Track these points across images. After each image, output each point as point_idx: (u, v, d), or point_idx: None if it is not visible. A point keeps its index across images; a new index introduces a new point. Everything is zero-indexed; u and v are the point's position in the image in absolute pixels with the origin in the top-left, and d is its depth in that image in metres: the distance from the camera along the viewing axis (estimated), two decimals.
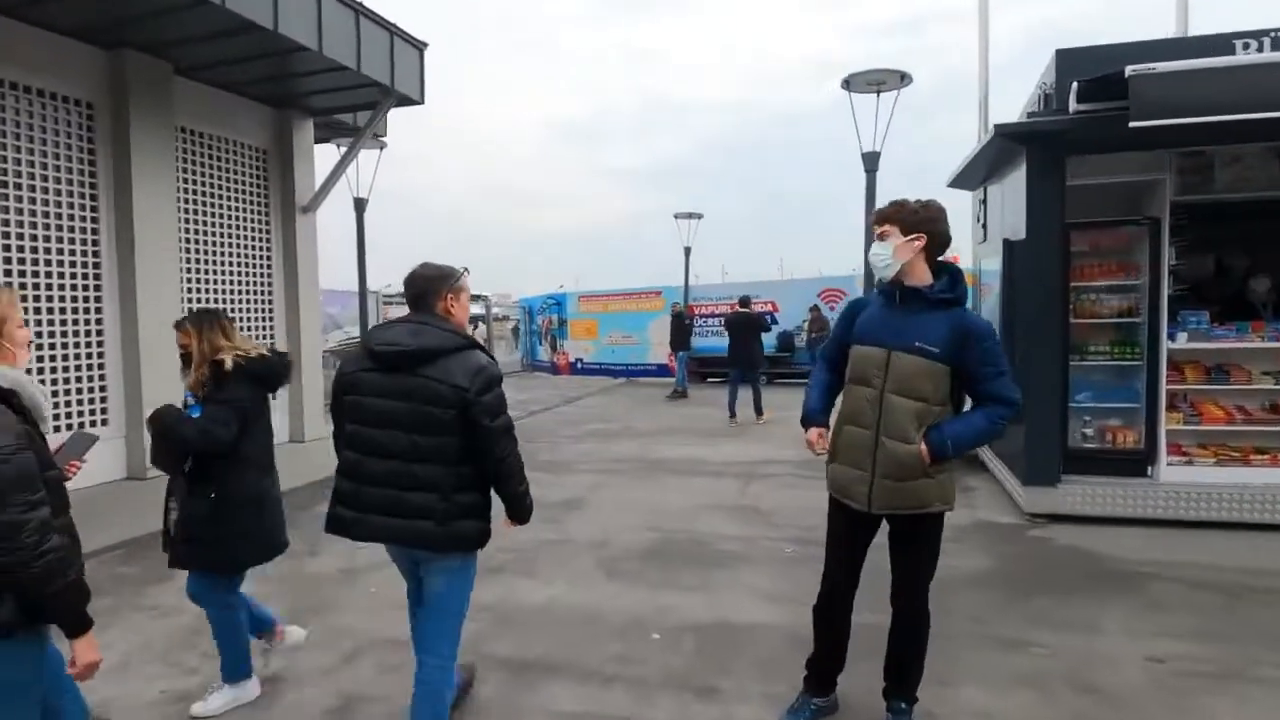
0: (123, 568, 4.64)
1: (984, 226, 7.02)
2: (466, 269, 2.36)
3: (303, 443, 8.82)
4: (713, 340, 15.80)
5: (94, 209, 6.70)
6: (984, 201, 7.00)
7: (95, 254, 6.70)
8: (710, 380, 15.66)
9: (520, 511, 2.41)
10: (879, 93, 7.81)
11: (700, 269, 33.33)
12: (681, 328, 13.66)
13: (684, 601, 3.84)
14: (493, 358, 2.32)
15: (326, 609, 3.92)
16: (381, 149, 10.03)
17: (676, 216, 15.55)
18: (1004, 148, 5.36)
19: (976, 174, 6.79)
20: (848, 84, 7.67)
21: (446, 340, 2.17)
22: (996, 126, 4.99)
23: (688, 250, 15.66)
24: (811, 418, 2.63)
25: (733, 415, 9.85)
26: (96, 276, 6.71)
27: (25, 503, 1.54)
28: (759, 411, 9.86)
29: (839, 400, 2.63)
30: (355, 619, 3.79)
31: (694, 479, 6.59)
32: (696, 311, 15.95)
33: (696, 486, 6.32)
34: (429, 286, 2.28)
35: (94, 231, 6.70)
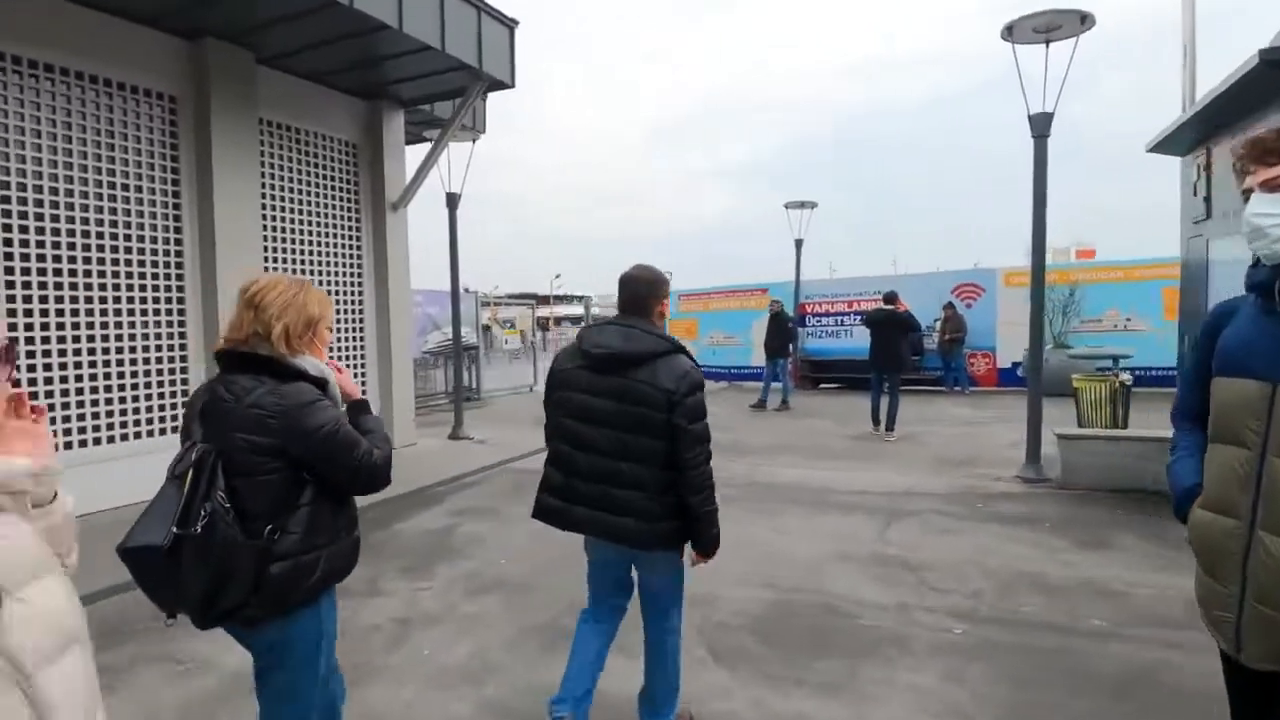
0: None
1: (1207, 200, 5.43)
2: (670, 274, 2.19)
3: (392, 448, 8.39)
4: (827, 342, 14.45)
5: (177, 207, 6.43)
6: (1207, 167, 5.42)
7: (178, 254, 6.44)
8: (824, 386, 14.30)
9: (705, 536, 2.31)
10: (1049, 42, 6.37)
11: (803, 267, 31.50)
12: (782, 329, 12.37)
13: (822, 714, 2.81)
14: (697, 363, 2.34)
15: (364, 677, 3.17)
16: (475, 139, 9.49)
17: (787, 206, 14.25)
18: (1252, 88, 3.93)
19: (1191, 132, 5.27)
20: (1010, 31, 6.28)
21: (657, 345, 2.23)
22: (1262, 52, 3.60)
23: (799, 242, 14.32)
24: (1192, 496, 1.55)
25: (876, 423, 8.86)
26: (179, 278, 6.44)
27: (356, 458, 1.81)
28: (891, 426, 8.61)
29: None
30: (398, 694, 3.02)
31: (818, 514, 5.48)
32: (809, 310, 14.65)
33: (822, 525, 5.21)
34: (649, 292, 2.33)
35: (177, 230, 6.43)
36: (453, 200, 8.97)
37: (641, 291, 2.32)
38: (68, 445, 5.65)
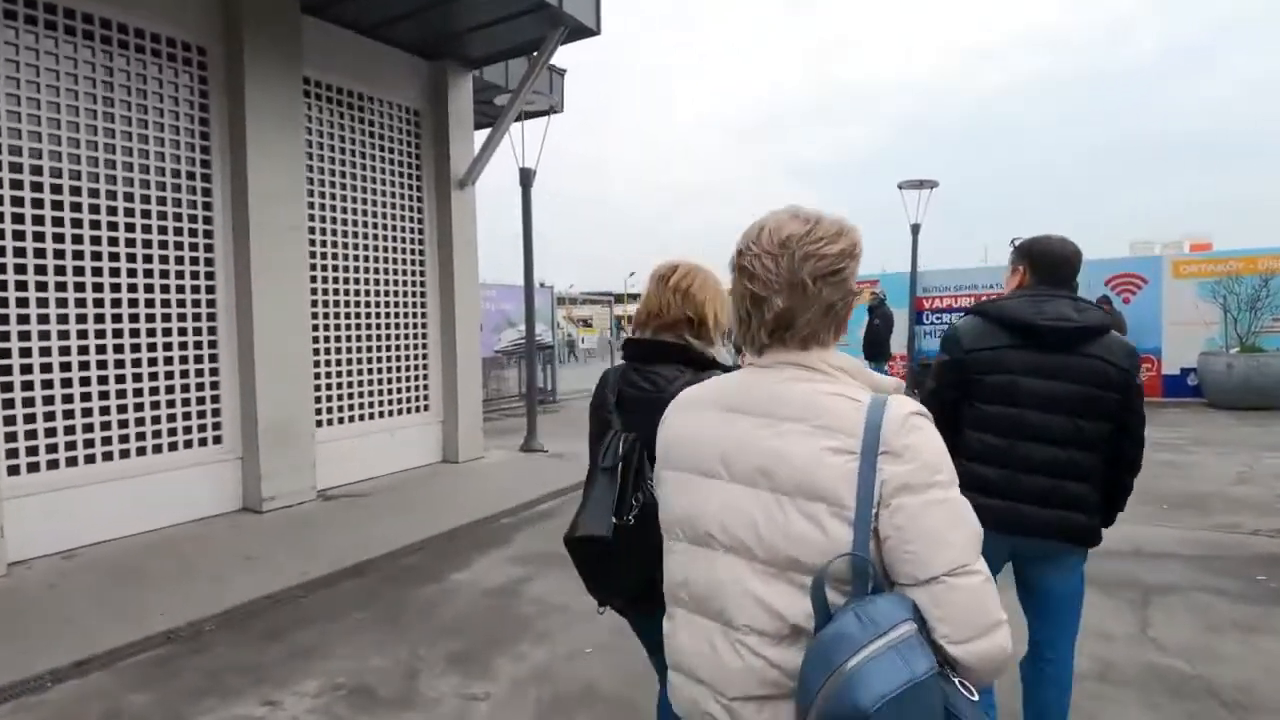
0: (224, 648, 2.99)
1: None
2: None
3: (456, 463, 7.29)
4: None
5: (206, 179, 5.44)
6: None
7: (208, 236, 5.44)
8: None
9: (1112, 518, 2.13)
10: None
11: (897, 262, 29.36)
12: (884, 325, 10.69)
13: None
14: None
15: None
16: (550, 111, 8.30)
17: (901, 186, 12.48)
18: None
19: None
20: None
21: (1103, 317, 1.99)
22: None
23: (915, 228, 12.52)
24: None
25: None
26: (209, 262, 5.45)
27: None
28: None
29: None
30: None
31: None
32: (927, 306, 12.82)
33: None
34: (1080, 264, 2.12)
35: (206, 208, 5.45)
36: (526, 176, 7.79)
37: (1079, 264, 2.11)
38: (71, 462, 4.72)
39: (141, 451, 5.09)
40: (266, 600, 3.94)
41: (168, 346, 5.21)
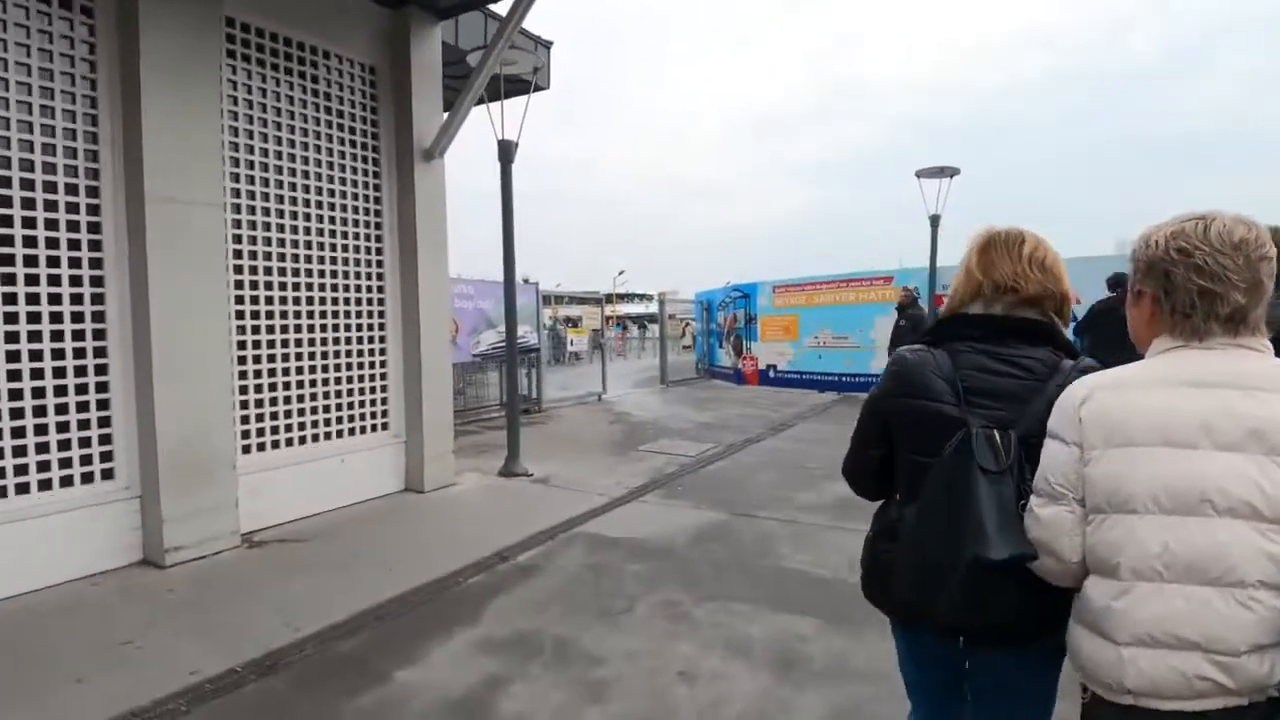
0: None
1: None
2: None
3: (421, 493, 6.12)
4: None
5: (92, 139, 4.24)
6: None
7: (92, 210, 4.25)
8: None
9: None
10: None
11: (897, 260, 28.80)
12: (916, 327, 9.65)
13: None
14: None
15: None
16: (534, 80, 7.15)
17: (919, 175, 11.45)
18: None
19: None
20: None
21: None
22: None
23: (934, 219, 11.51)
24: None
25: None
26: (95, 245, 4.25)
27: None
28: None
29: None
30: None
31: None
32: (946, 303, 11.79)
33: None
34: None
35: (91, 175, 4.25)
36: (506, 150, 6.62)
37: None
38: None
39: (1, 493, 3.90)
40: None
41: (35, 355, 4.01)
